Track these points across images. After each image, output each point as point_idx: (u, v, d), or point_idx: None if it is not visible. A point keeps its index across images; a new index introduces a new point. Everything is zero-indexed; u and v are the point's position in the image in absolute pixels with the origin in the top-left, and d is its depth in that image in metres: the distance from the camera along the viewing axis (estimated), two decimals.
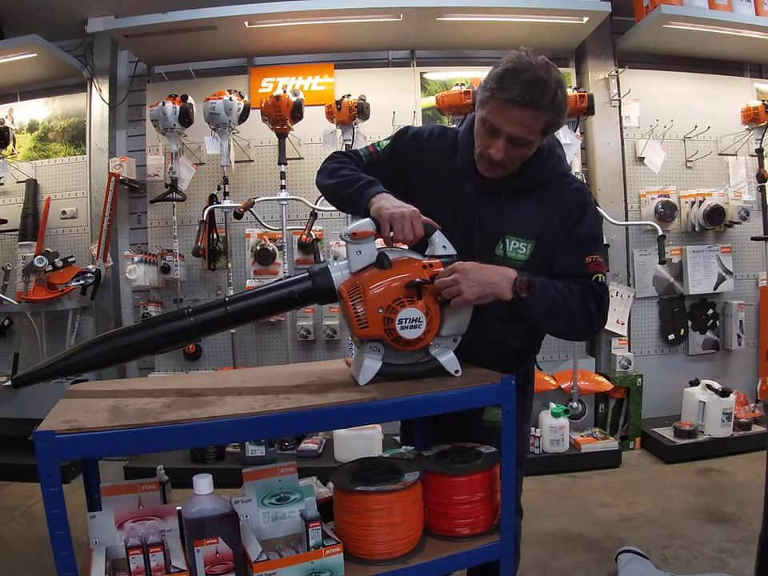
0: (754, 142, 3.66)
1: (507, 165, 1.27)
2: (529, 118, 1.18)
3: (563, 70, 3.80)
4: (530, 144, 1.24)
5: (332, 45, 3.66)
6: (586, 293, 1.25)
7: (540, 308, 1.20)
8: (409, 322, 1.09)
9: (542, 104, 1.17)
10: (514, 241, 1.32)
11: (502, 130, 1.21)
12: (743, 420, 3.37)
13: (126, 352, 1.15)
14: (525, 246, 1.32)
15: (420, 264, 1.14)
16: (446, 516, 1.16)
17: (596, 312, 1.25)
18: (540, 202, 1.32)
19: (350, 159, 1.39)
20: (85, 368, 1.15)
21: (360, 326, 1.10)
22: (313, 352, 3.69)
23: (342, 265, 1.17)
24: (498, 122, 1.20)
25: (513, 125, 1.19)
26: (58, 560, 0.88)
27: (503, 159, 1.25)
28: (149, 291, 3.71)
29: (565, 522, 2.60)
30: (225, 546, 0.97)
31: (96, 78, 3.77)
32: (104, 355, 1.13)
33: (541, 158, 1.32)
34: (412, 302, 1.10)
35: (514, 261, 1.32)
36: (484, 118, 1.24)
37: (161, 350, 1.19)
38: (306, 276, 1.17)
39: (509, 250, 1.32)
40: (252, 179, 3.70)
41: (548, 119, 1.20)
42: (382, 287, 1.10)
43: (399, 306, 1.09)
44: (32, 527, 2.63)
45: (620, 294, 3.63)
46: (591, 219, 1.33)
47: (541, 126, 1.21)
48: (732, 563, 2.19)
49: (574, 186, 1.35)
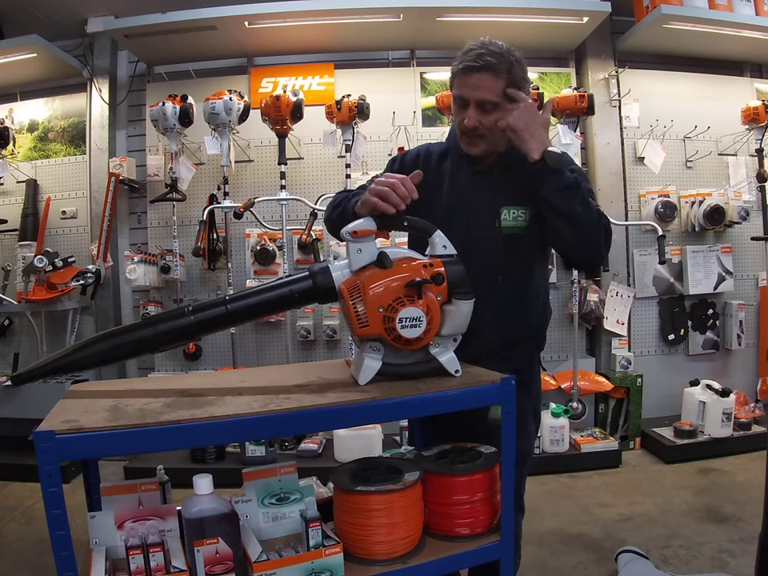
0: (754, 142, 3.66)
1: (486, 134, 1.37)
2: (487, 80, 1.31)
3: (563, 70, 3.81)
4: (497, 107, 1.34)
5: (332, 45, 3.66)
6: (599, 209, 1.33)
7: (561, 179, 1.28)
8: (409, 321, 1.09)
9: (495, 66, 1.30)
10: (513, 210, 1.40)
11: (468, 98, 1.34)
12: (743, 420, 3.37)
13: (125, 350, 1.15)
14: (523, 212, 1.40)
15: (420, 263, 1.14)
16: (446, 516, 1.16)
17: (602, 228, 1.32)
18: (529, 170, 1.37)
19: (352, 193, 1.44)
20: (84, 366, 1.14)
21: (360, 325, 1.10)
22: (313, 352, 3.69)
23: (343, 264, 1.17)
24: (464, 92, 1.34)
25: (475, 90, 1.33)
26: (58, 560, 0.88)
27: (478, 128, 1.35)
28: (149, 291, 3.71)
29: (565, 522, 2.60)
30: (225, 546, 0.97)
31: (96, 78, 3.77)
32: (104, 353, 1.13)
33: None
34: (412, 301, 1.10)
35: (515, 228, 1.40)
36: (453, 96, 1.38)
37: (161, 348, 1.19)
38: (307, 275, 1.17)
39: (509, 219, 1.40)
40: (252, 179, 3.70)
41: (507, 82, 1.32)
42: (382, 286, 1.10)
43: (399, 305, 1.09)
44: (32, 527, 2.63)
45: (620, 293, 3.63)
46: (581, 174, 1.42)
47: (501, 87, 1.32)
48: (732, 563, 2.19)
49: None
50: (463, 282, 1.14)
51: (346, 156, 3.41)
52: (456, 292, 1.13)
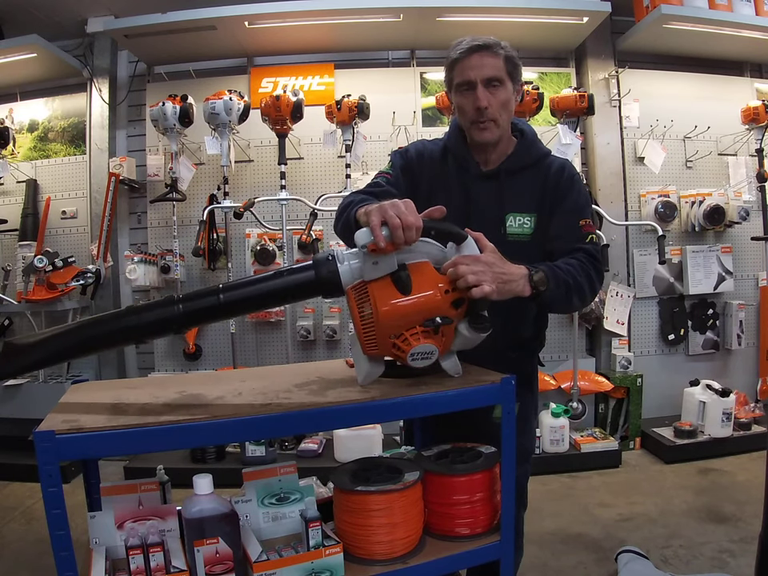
0: (754, 142, 3.66)
1: (497, 117, 1.36)
2: (488, 58, 1.33)
3: (563, 70, 3.81)
4: (504, 85, 1.35)
5: (332, 45, 3.66)
6: (584, 262, 1.30)
7: (556, 294, 1.22)
8: (421, 355, 1.04)
9: (493, 46, 1.33)
10: (518, 217, 1.40)
11: (474, 80, 1.34)
12: (743, 420, 3.37)
13: (106, 340, 1.07)
14: (528, 220, 1.40)
15: (442, 289, 1.03)
16: (446, 516, 1.16)
17: (596, 277, 1.32)
18: (534, 179, 1.42)
19: (364, 193, 1.37)
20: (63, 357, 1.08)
21: (368, 347, 1.06)
22: (313, 352, 3.69)
23: (354, 262, 1.05)
24: (468, 75, 1.34)
25: (479, 69, 1.33)
26: (58, 560, 0.88)
27: (490, 108, 1.34)
28: (149, 291, 3.71)
29: (565, 522, 2.60)
30: (225, 546, 0.97)
31: (96, 78, 3.77)
32: (83, 343, 1.06)
33: (528, 138, 1.46)
34: (428, 336, 1.02)
35: (520, 236, 1.40)
36: (457, 83, 1.37)
37: (144, 338, 1.13)
38: (310, 264, 1.06)
39: (514, 227, 1.40)
40: (252, 179, 3.70)
41: (506, 61, 1.35)
42: (396, 314, 1.01)
43: (414, 339, 1.02)
44: (32, 527, 2.63)
45: (620, 294, 3.63)
46: (581, 187, 1.44)
47: (502, 64, 1.34)
48: (732, 563, 2.19)
49: (559, 161, 1.46)
50: (483, 307, 1.05)
51: (346, 156, 3.41)
52: (474, 322, 1.06)
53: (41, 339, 1.09)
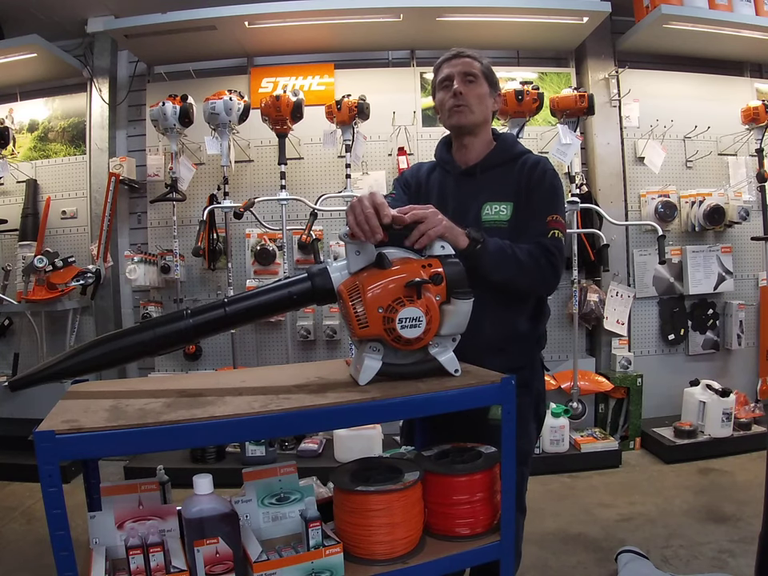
0: (754, 142, 3.66)
1: (472, 104, 1.49)
2: (466, 59, 1.52)
3: (563, 70, 3.81)
4: (479, 81, 1.51)
5: (332, 45, 3.66)
6: (533, 250, 1.39)
7: (492, 257, 1.33)
8: (409, 321, 1.09)
9: (472, 54, 1.52)
10: (494, 205, 1.49)
11: (452, 74, 1.50)
12: (743, 420, 3.37)
13: (124, 354, 1.14)
14: (505, 207, 1.48)
15: (419, 264, 1.14)
16: (446, 516, 1.16)
17: (546, 266, 1.38)
18: (510, 172, 1.51)
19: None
20: (82, 371, 1.13)
21: (360, 326, 1.10)
22: (313, 352, 3.69)
23: (341, 265, 1.17)
24: (449, 72, 1.51)
25: (456, 66, 1.51)
26: (58, 560, 0.88)
27: (465, 95, 1.48)
28: (149, 291, 3.71)
29: (565, 522, 2.60)
30: (225, 546, 0.97)
31: (96, 78, 3.78)
32: (102, 357, 1.12)
33: (508, 141, 1.57)
34: (412, 301, 1.09)
35: (497, 222, 1.48)
36: (438, 81, 1.54)
37: (159, 351, 1.18)
38: (305, 277, 1.17)
39: (491, 214, 1.49)
40: (252, 179, 3.70)
41: (483, 66, 1.52)
42: (381, 287, 1.10)
43: (399, 305, 1.09)
44: (32, 527, 2.63)
45: (620, 293, 3.63)
46: (554, 182, 1.49)
47: (479, 65, 1.52)
48: (732, 563, 2.19)
49: (536, 157, 1.54)
50: (462, 282, 1.14)
51: (346, 156, 3.41)
52: (455, 292, 1.13)
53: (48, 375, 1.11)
